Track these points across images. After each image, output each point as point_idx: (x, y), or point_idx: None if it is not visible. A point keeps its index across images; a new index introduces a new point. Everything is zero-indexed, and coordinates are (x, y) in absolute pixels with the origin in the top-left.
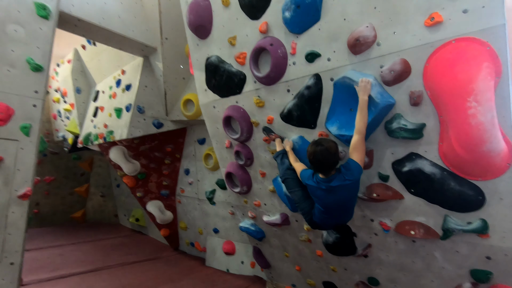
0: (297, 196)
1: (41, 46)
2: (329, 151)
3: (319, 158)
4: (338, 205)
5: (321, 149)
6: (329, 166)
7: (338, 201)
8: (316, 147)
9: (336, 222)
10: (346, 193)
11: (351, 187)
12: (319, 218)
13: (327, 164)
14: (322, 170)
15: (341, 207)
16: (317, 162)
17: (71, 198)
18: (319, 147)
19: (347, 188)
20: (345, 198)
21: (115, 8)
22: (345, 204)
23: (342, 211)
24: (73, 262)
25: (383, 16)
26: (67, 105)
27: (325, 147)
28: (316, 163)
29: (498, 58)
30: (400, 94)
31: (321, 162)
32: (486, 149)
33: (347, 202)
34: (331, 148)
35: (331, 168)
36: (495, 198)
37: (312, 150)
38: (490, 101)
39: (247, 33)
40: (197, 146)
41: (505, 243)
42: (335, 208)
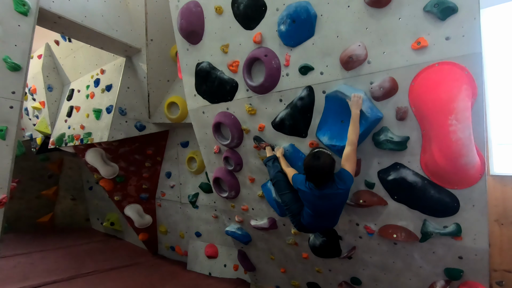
0: (287, 198)
1: (20, 44)
2: (325, 166)
3: (315, 173)
4: (328, 211)
5: (318, 165)
6: (325, 180)
7: (329, 207)
8: (314, 162)
9: (324, 226)
10: (337, 200)
11: (343, 195)
12: (307, 222)
13: (324, 178)
14: (317, 183)
15: (330, 213)
16: (314, 176)
17: (37, 202)
18: (316, 161)
19: (338, 196)
20: (335, 205)
21: (98, 7)
22: (335, 210)
23: (331, 217)
24: (44, 271)
25: (374, 37)
26: (37, 103)
27: (322, 162)
28: (313, 177)
29: (475, 81)
30: (388, 109)
31: (317, 177)
32: (463, 162)
33: (337, 208)
34: (328, 164)
35: (327, 181)
36: (469, 204)
37: (310, 164)
38: (468, 119)
39: (240, 42)
40: (180, 149)
41: (475, 244)
42: (325, 214)
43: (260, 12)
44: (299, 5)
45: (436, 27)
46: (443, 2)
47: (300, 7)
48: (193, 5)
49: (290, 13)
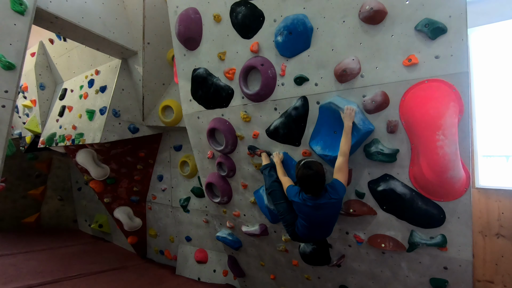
0: (282, 208)
1: (15, 43)
2: (318, 175)
3: (309, 182)
4: (322, 222)
5: (311, 174)
6: (318, 189)
7: (323, 218)
8: (307, 171)
9: (318, 236)
10: (331, 210)
11: (336, 205)
12: (302, 232)
13: (317, 187)
14: (312, 192)
15: (324, 224)
16: (307, 185)
17: (23, 202)
18: (309, 171)
19: (332, 206)
20: (329, 215)
21: (96, 8)
22: (329, 221)
23: (325, 227)
24: (29, 273)
25: (368, 52)
26: (28, 101)
27: (314, 171)
28: (306, 186)
29: (461, 99)
30: (379, 122)
31: (311, 186)
32: (449, 176)
33: (331, 219)
34: (320, 172)
35: (320, 190)
36: (454, 216)
37: (302, 174)
38: (455, 135)
39: (237, 50)
40: (172, 152)
41: (460, 255)
42: (319, 224)
43: (258, 22)
44: (296, 17)
45: (426, 45)
46: (433, 22)
47: (297, 19)
48: (192, 11)
49: (287, 25)
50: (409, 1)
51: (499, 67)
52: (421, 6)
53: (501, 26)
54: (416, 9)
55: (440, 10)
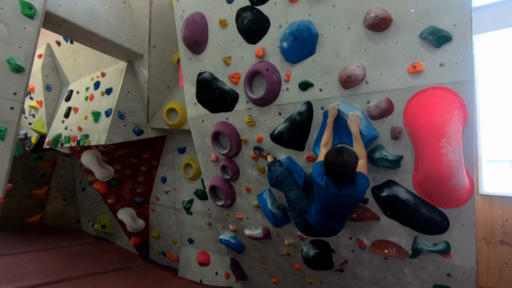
0: (295, 195)
1: (24, 46)
2: (347, 165)
3: (337, 170)
4: (340, 211)
5: (341, 162)
6: (343, 179)
7: (341, 208)
8: (337, 158)
9: (331, 225)
10: (352, 203)
11: (359, 198)
12: (315, 220)
13: (344, 177)
14: (336, 181)
15: (340, 214)
16: (335, 173)
17: (28, 201)
18: (340, 158)
19: (354, 198)
20: (348, 207)
21: (104, 12)
22: (345, 212)
23: (341, 218)
24: (32, 272)
25: (372, 58)
26: (34, 102)
27: (345, 160)
28: (333, 174)
29: (466, 107)
30: (383, 128)
31: (338, 174)
32: (453, 183)
33: (349, 210)
34: (350, 163)
35: (347, 181)
36: (458, 224)
37: (332, 160)
38: (459, 143)
39: (242, 55)
40: (176, 154)
41: (463, 263)
42: (336, 213)
43: (264, 27)
44: (301, 23)
45: (431, 53)
46: (438, 30)
47: (302, 25)
48: (198, 16)
49: (292, 31)
50: (414, 9)
51: (504, 72)
52: (426, 14)
53: (506, 32)
54: (421, 17)
55: (445, 18)
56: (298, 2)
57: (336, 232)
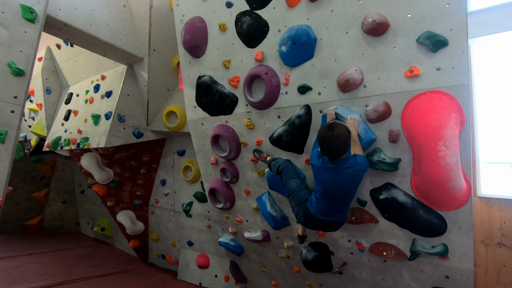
0: (295, 183)
1: (25, 50)
2: (338, 138)
3: (327, 144)
4: (339, 191)
5: (331, 135)
6: (336, 153)
7: (340, 186)
8: (327, 132)
9: (333, 212)
10: (350, 180)
11: (356, 176)
12: (316, 207)
13: (335, 150)
14: (330, 155)
15: (341, 195)
16: (326, 148)
17: (27, 204)
18: (329, 132)
19: (351, 176)
20: (348, 184)
21: (104, 16)
22: (346, 192)
23: (342, 201)
24: (31, 275)
25: (370, 63)
26: (34, 105)
27: (335, 133)
28: (326, 148)
29: (462, 110)
30: (381, 131)
31: (329, 148)
32: (451, 186)
33: (349, 190)
34: (340, 136)
35: (339, 155)
36: (455, 226)
37: (323, 134)
38: (456, 146)
39: (242, 59)
40: (176, 157)
41: (461, 265)
42: (336, 194)
43: (263, 32)
44: (300, 28)
45: (428, 58)
46: (435, 35)
47: (301, 30)
48: (198, 20)
49: (291, 35)
50: (411, 14)
51: (502, 75)
52: (423, 19)
53: (503, 36)
54: (418, 22)
55: (441, 24)
56: (296, 7)
57: (337, 223)
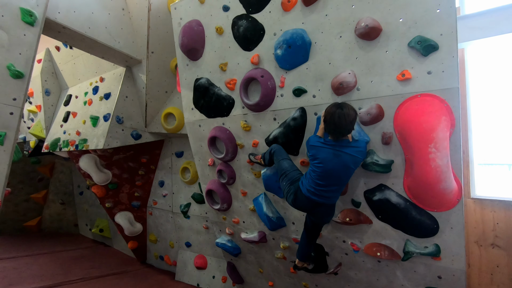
0: (288, 164)
1: (24, 53)
2: (347, 117)
3: (335, 121)
4: (338, 172)
5: (340, 113)
6: (341, 131)
7: (340, 166)
8: (336, 109)
9: (323, 196)
10: (350, 161)
11: (356, 159)
12: (309, 188)
13: (341, 128)
14: (335, 133)
15: (338, 176)
16: (333, 124)
17: (26, 205)
18: (338, 110)
19: (352, 157)
20: (346, 166)
21: (103, 19)
22: (341, 176)
23: (336, 182)
24: (30, 277)
25: (363, 66)
26: (33, 106)
27: (344, 112)
28: (331, 125)
29: (453, 113)
30: (374, 134)
31: (336, 125)
32: (441, 187)
33: (346, 172)
34: (349, 115)
35: (343, 134)
36: (447, 227)
37: (331, 111)
38: (446, 148)
39: (238, 62)
40: (174, 158)
41: (453, 265)
42: (333, 175)
43: (259, 35)
44: (295, 32)
45: (419, 61)
46: (425, 40)
47: (296, 34)
48: (195, 23)
49: (286, 39)
50: (403, 19)
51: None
52: (414, 24)
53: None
54: (409, 27)
55: (432, 28)
56: (292, 11)
57: (327, 206)
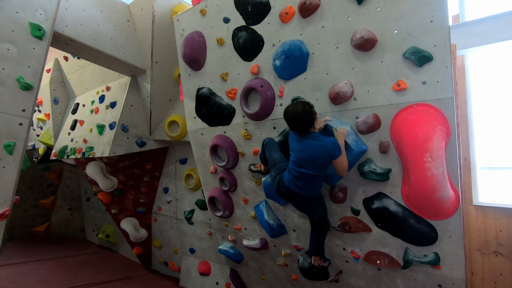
0: (278, 155)
1: (33, 66)
2: (298, 111)
3: (289, 118)
4: (305, 162)
5: (293, 109)
6: (297, 126)
7: (309, 153)
8: (290, 107)
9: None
10: (317, 149)
11: (322, 149)
12: (288, 176)
13: (298, 122)
14: (294, 129)
15: (311, 162)
16: (290, 121)
17: (34, 211)
18: (291, 107)
19: (317, 146)
20: (315, 153)
21: (108, 31)
22: (310, 166)
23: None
24: (38, 282)
25: (360, 76)
26: (42, 114)
27: (296, 107)
28: (288, 122)
29: (448, 123)
30: (372, 142)
31: (290, 121)
32: (438, 196)
33: (314, 163)
34: (297, 110)
35: (305, 129)
36: (446, 235)
37: (285, 110)
38: (442, 158)
39: (238, 72)
40: (178, 165)
41: (453, 274)
42: (302, 166)
43: (258, 46)
44: (293, 43)
45: (414, 72)
46: (420, 51)
47: (294, 45)
48: (197, 35)
49: (284, 50)
50: (397, 30)
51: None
52: (408, 36)
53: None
54: (404, 38)
55: (426, 40)
56: (290, 22)
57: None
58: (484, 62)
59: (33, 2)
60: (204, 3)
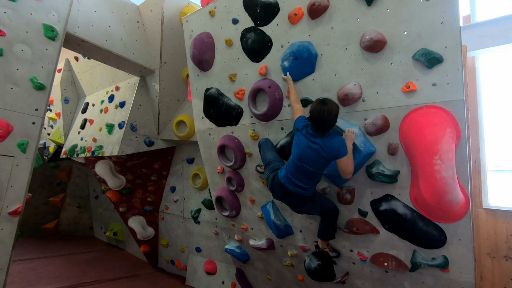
0: (272, 155)
1: (46, 66)
2: (330, 112)
3: (319, 117)
4: (308, 164)
5: (324, 109)
6: (326, 126)
7: (310, 160)
8: (321, 106)
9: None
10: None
11: (325, 156)
12: (284, 173)
13: (325, 124)
14: (320, 128)
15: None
16: (317, 119)
17: (44, 208)
18: (323, 106)
19: (323, 154)
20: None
21: (119, 32)
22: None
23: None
24: (47, 278)
25: (368, 78)
26: (53, 114)
27: (328, 108)
28: (316, 120)
29: (458, 125)
30: (380, 144)
31: (320, 121)
32: (447, 199)
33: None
34: (333, 110)
35: (327, 129)
36: (455, 238)
37: (317, 108)
38: (451, 160)
39: (247, 73)
40: (185, 165)
41: (462, 277)
42: (308, 157)
43: (266, 47)
44: (301, 44)
45: (423, 74)
46: (430, 52)
47: (302, 46)
48: (206, 36)
49: (293, 51)
50: (407, 32)
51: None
52: (418, 37)
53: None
54: (414, 40)
55: (436, 41)
56: (298, 24)
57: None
58: (495, 63)
59: (46, 4)
60: (213, 4)
